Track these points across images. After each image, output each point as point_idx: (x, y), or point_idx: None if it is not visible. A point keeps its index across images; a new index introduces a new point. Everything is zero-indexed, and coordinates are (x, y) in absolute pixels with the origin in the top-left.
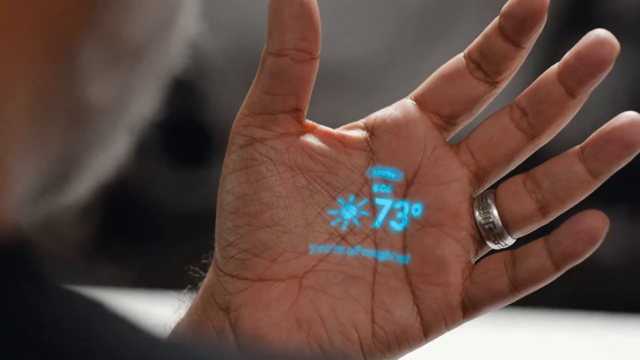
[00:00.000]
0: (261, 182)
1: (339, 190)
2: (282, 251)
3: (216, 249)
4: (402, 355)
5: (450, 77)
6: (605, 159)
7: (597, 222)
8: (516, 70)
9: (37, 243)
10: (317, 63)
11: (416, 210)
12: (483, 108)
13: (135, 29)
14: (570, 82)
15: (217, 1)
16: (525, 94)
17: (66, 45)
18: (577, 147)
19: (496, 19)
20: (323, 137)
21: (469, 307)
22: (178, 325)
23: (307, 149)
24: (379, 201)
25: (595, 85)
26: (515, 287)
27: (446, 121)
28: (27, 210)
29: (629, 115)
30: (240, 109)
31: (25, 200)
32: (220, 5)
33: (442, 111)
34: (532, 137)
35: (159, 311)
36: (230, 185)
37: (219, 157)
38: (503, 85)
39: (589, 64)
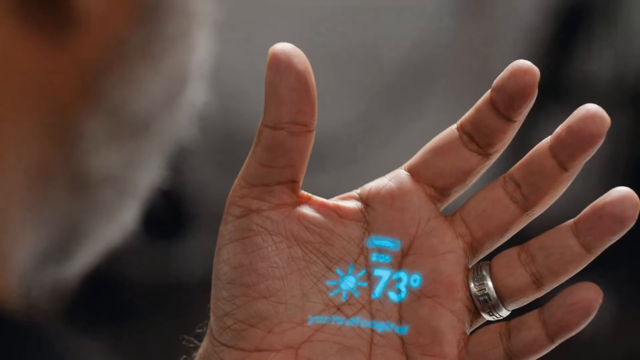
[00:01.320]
0: (257, 252)
1: (334, 261)
2: (279, 322)
3: (211, 319)
4: None
5: (443, 150)
6: (598, 233)
7: (591, 294)
8: (508, 142)
9: (39, 312)
10: (313, 135)
11: (415, 281)
12: (475, 179)
13: (141, 102)
14: (562, 155)
15: None
16: (518, 167)
17: (69, 115)
18: (571, 221)
19: (488, 93)
20: (318, 208)
21: None
22: None
23: (303, 219)
24: (377, 272)
25: (587, 158)
26: (510, 358)
27: (440, 192)
28: (31, 279)
29: (620, 190)
30: (237, 179)
31: (28, 269)
32: None
33: (436, 183)
34: (525, 208)
35: None
36: (226, 256)
37: (197, 230)
38: (495, 157)
39: (580, 139)
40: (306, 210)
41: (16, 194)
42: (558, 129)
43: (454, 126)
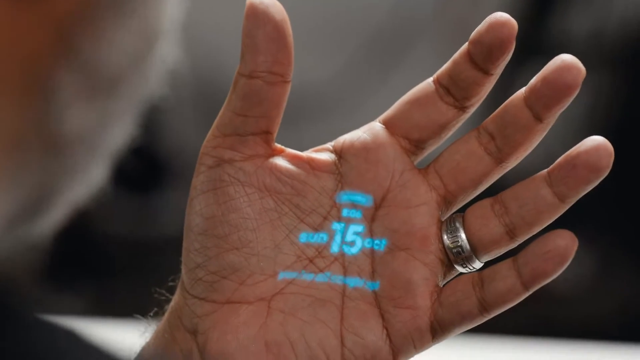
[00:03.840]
0: (229, 203)
1: (307, 212)
2: (251, 273)
3: (183, 271)
4: None
5: (419, 102)
6: (571, 183)
7: (566, 241)
8: (485, 96)
9: (10, 272)
10: (289, 86)
11: (378, 245)
12: (451, 133)
13: (113, 58)
14: (537, 106)
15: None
16: (492, 118)
17: (42, 74)
18: (544, 171)
19: (465, 45)
20: (291, 159)
21: (438, 330)
22: (144, 349)
23: (276, 171)
24: (335, 226)
25: (562, 109)
26: (484, 308)
27: (414, 145)
28: (4, 239)
29: (594, 139)
30: (211, 130)
31: (1, 228)
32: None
33: (411, 135)
34: (499, 160)
35: (117, 339)
36: (198, 207)
37: (171, 185)
38: (471, 111)
39: (556, 89)
40: (279, 161)
41: None
42: (533, 80)
43: (430, 79)
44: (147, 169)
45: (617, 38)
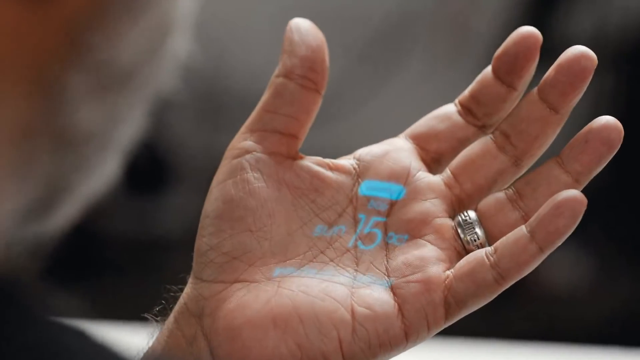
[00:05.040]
0: (248, 188)
1: (323, 209)
2: (262, 256)
3: (194, 260)
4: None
5: (440, 117)
6: (585, 159)
7: (576, 195)
8: (504, 116)
9: (20, 270)
10: (320, 100)
11: (399, 240)
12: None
13: (124, 54)
14: (553, 96)
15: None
16: (505, 119)
17: (53, 70)
18: (554, 157)
19: (487, 67)
20: (312, 160)
21: (452, 304)
22: (150, 347)
23: (296, 167)
24: (360, 216)
25: (577, 98)
26: (499, 274)
27: (431, 157)
28: (12, 236)
29: (603, 117)
30: (240, 129)
31: (10, 225)
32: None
33: (429, 146)
34: (515, 158)
35: (119, 340)
36: (217, 194)
37: (173, 186)
38: (490, 131)
39: (571, 74)
40: (300, 161)
41: (0, 150)
42: (547, 73)
43: (453, 103)
44: (153, 169)
45: (619, 39)
